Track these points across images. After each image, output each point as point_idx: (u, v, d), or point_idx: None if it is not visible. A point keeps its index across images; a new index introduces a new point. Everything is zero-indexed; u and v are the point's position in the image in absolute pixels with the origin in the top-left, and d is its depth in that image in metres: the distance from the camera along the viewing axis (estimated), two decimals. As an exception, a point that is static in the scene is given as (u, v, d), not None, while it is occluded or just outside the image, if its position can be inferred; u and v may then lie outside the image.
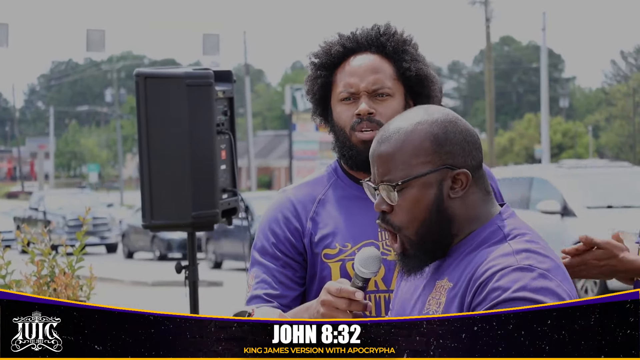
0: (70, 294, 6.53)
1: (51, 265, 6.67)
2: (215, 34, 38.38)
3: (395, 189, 2.23)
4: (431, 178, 2.23)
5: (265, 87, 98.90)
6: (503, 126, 79.56)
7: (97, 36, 35.99)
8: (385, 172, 2.25)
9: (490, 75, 40.89)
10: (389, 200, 2.25)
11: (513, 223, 2.27)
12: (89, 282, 6.76)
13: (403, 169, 2.23)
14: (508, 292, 2.09)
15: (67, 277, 6.60)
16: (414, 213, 2.23)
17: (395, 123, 2.29)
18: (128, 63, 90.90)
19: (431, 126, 2.25)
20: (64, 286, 6.55)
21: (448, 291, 2.21)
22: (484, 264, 2.16)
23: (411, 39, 2.92)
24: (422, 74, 2.87)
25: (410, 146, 2.24)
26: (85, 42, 35.87)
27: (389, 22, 2.93)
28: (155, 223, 4.29)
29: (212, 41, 37.54)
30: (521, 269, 2.13)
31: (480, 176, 2.28)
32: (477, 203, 2.27)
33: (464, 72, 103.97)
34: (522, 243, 2.20)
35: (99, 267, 5.36)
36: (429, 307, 2.24)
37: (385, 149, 2.26)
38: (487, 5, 41.03)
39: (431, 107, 2.33)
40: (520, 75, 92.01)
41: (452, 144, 2.24)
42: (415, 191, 2.23)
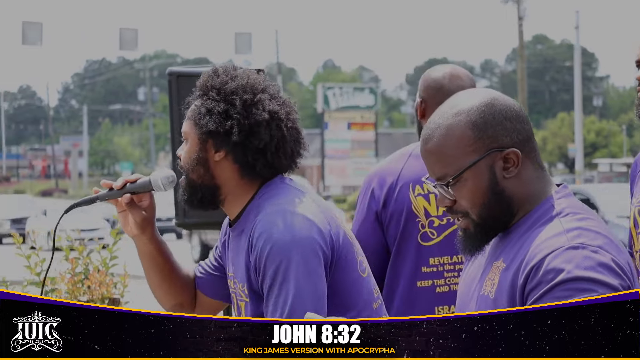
0: (104, 291, 6.58)
1: (85, 262, 6.73)
2: (247, 32, 38.46)
3: (448, 186, 2.26)
4: (481, 165, 2.24)
5: (297, 85, 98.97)
6: (536, 125, 79.15)
7: (130, 35, 36.17)
8: (436, 170, 2.28)
9: (523, 73, 40.72)
10: (448, 196, 2.27)
11: (567, 202, 2.26)
12: (122, 280, 6.80)
13: (451, 163, 2.25)
14: (563, 274, 2.08)
15: (101, 275, 6.65)
16: (473, 200, 2.25)
17: (434, 119, 2.30)
18: (161, 62, 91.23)
19: (468, 115, 2.26)
20: (97, 283, 6.60)
21: (502, 272, 2.22)
22: (535, 246, 2.16)
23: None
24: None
25: (453, 140, 2.25)
26: (119, 40, 36.06)
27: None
28: (188, 221, 4.31)
29: (245, 40, 37.63)
30: (574, 247, 2.12)
31: (532, 149, 2.28)
32: (532, 180, 2.27)
33: (497, 70, 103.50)
34: (573, 221, 2.19)
35: (133, 265, 5.39)
36: (485, 287, 2.25)
37: (430, 147, 2.28)
38: (520, 4, 40.85)
39: (466, 94, 2.33)
40: (553, 74, 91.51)
41: (492, 126, 2.25)
42: (469, 181, 2.25)
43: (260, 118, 2.88)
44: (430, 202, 3.60)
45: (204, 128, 2.90)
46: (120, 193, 3.02)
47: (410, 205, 3.59)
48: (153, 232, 3.08)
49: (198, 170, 2.93)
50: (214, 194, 2.94)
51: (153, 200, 3.06)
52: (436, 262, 3.59)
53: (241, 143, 2.89)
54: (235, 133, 2.87)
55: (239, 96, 2.90)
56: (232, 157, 2.91)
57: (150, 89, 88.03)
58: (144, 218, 3.04)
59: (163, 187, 3.01)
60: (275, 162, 2.91)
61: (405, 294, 3.60)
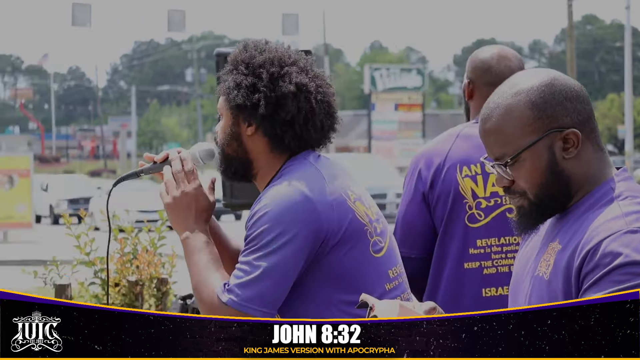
0: (153, 271, 6.63)
1: (134, 242, 6.79)
2: (294, 13, 38.47)
3: (507, 166, 2.24)
4: (540, 145, 2.22)
5: (344, 66, 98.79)
6: (585, 106, 78.04)
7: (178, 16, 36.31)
8: (495, 150, 2.27)
9: (572, 54, 40.32)
10: (506, 176, 2.26)
11: (625, 185, 2.24)
12: (170, 260, 6.86)
13: (510, 142, 2.24)
14: (620, 258, 2.07)
15: (150, 255, 6.70)
16: (532, 181, 2.24)
17: (493, 98, 2.29)
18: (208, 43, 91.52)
19: (528, 95, 2.24)
20: (146, 263, 6.66)
21: (557, 253, 2.20)
22: (592, 229, 2.14)
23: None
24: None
25: (511, 120, 2.24)
26: (167, 22, 36.20)
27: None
28: (235, 202, 4.33)
29: (292, 21, 37.63)
30: (632, 231, 2.10)
31: (592, 130, 2.26)
32: (592, 161, 2.25)
33: (545, 51, 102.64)
34: (632, 205, 2.17)
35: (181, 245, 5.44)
36: (540, 268, 2.24)
37: (489, 126, 2.27)
38: (570, -16, 40.42)
39: (526, 73, 2.31)
40: (603, 55, 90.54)
41: (552, 106, 2.23)
42: (528, 161, 2.23)
43: (287, 90, 2.90)
44: (478, 184, 3.58)
45: (233, 102, 2.94)
46: (162, 166, 3.05)
47: (457, 187, 3.58)
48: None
49: (232, 145, 2.98)
50: (246, 167, 2.99)
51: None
52: (483, 244, 3.58)
53: (269, 116, 2.92)
54: (262, 106, 2.90)
55: (266, 69, 2.93)
56: (262, 131, 2.94)
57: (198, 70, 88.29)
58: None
59: (201, 160, 3.06)
60: (304, 135, 2.94)
61: (452, 276, 3.59)
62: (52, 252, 9.82)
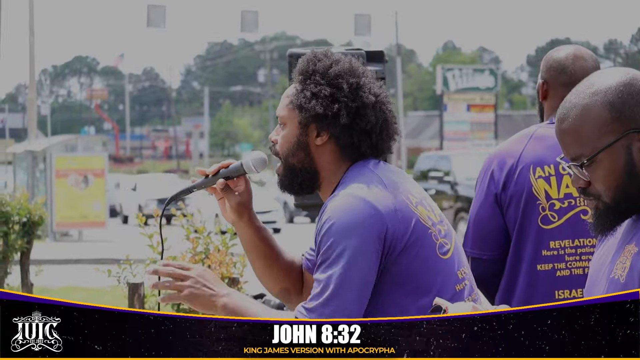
0: (224, 271, 6.68)
1: (206, 242, 6.84)
2: (366, 14, 38.43)
3: (583, 167, 2.22)
4: (617, 146, 2.20)
5: (416, 67, 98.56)
6: (662, 107, 77.02)
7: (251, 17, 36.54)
8: (571, 151, 2.24)
9: (649, 54, 39.71)
10: (582, 177, 2.24)
11: None
12: (242, 260, 6.90)
13: (587, 143, 2.21)
14: None
15: (221, 254, 6.75)
16: (608, 182, 2.22)
17: (570, 98, 2.26)
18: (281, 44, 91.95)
19: (605, 95, 2.21)
20: (217, 263, 6.70)
21: (634, 255, 2.18)
22: None
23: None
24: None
25: (589, 120, 2.21)
26: (240, 23, 36.46)
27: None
28: (307, 202, 4.35)
29: (364, 21, 37.62)
30: None
31: None
32: None
33: (621, 51, 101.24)
34: None
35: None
36: (616, 271, 2.21)
37: (565, 127, 2.25)
38: (647, -17, 39.84)
39: (603, 73, 2.28)
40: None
41: (630, 107, 2.20)
42: (605, 163, 2.21)
43: (367, 101, 2.94)
44: (552, 185, 3.55)
45: (310, 112, 2.94)
46: (215, 179, 3.06)
47: (530, 188, 3.55)
48: (250, 217, 3.11)
49: (299, 155, 2.97)
50: (313, 178, 2.98)
51: (249, 184, 3.10)
52: (557, 246, 3.54)
53: (349, 125, 2.93)
54: (343, 115, 2.92)
55: (345, 80, 2.95)
56: (335, 140, 2.95)
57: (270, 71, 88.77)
58: (239, 202, 3.08)
59: (255, 169, 3.06)
60: (378, 144, 2.97)
61: (526, 278, 3.56)
62: (127, 250, 9.93)
